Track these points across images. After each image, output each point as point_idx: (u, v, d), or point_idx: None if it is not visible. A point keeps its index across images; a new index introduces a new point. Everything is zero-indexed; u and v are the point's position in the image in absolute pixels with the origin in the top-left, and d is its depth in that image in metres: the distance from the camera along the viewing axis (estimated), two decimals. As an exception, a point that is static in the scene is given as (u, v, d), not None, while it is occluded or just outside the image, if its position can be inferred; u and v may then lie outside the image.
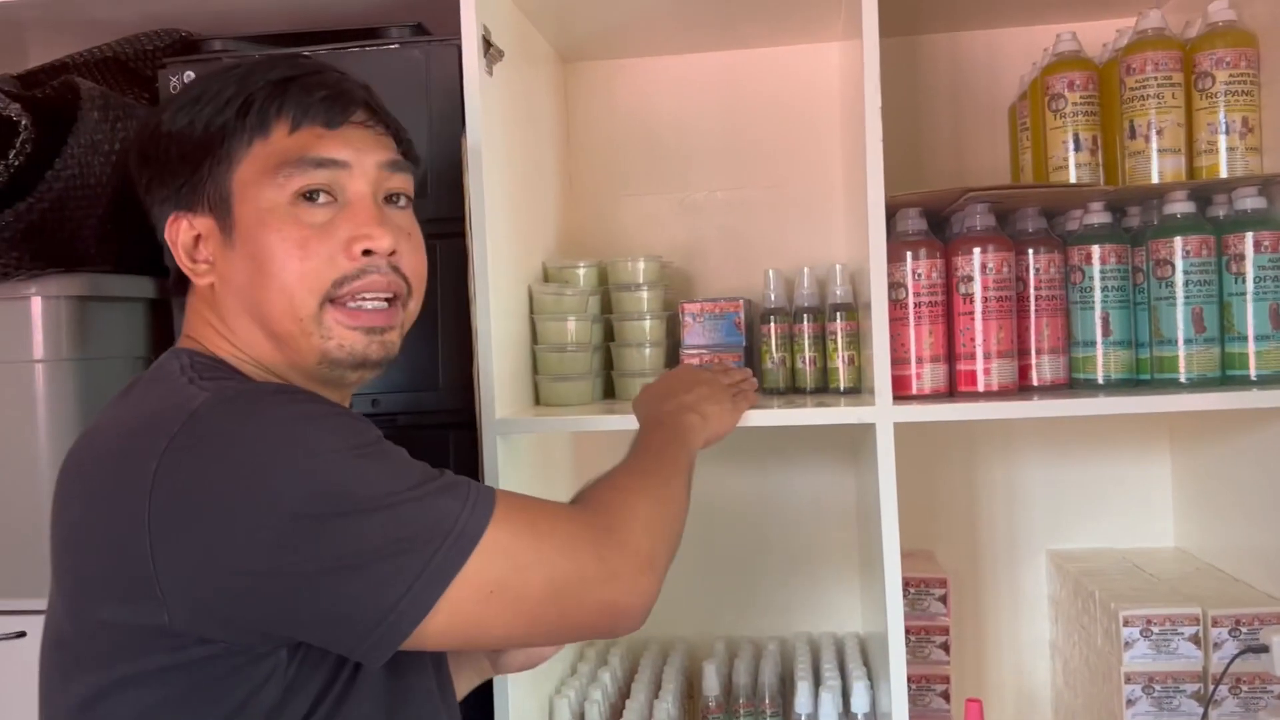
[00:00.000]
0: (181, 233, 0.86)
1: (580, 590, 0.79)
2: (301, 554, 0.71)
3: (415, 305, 0.91)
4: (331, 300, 0.83)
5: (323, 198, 0.84)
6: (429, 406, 1.22)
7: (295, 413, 0.76)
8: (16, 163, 1.10)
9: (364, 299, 0.85)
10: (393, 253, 0.85)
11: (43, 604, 1.24)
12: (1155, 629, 1.24)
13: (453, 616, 0.74)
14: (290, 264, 0.82)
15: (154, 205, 0.88)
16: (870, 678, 1.36)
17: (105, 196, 1.21)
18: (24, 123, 1.11)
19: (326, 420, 0.77)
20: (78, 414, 1.23)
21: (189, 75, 1.26)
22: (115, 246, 1.26)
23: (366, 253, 0.84)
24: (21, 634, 1.26)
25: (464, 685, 1.07)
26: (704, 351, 1.44)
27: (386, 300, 0.87)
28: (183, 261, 0.86)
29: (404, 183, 0.90)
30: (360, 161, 0.85)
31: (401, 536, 0.72)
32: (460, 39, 1.19)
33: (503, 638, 0.81)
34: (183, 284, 0.89)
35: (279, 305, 0.83)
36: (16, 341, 1.20)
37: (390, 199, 0.89)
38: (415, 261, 0.90)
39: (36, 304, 1.20)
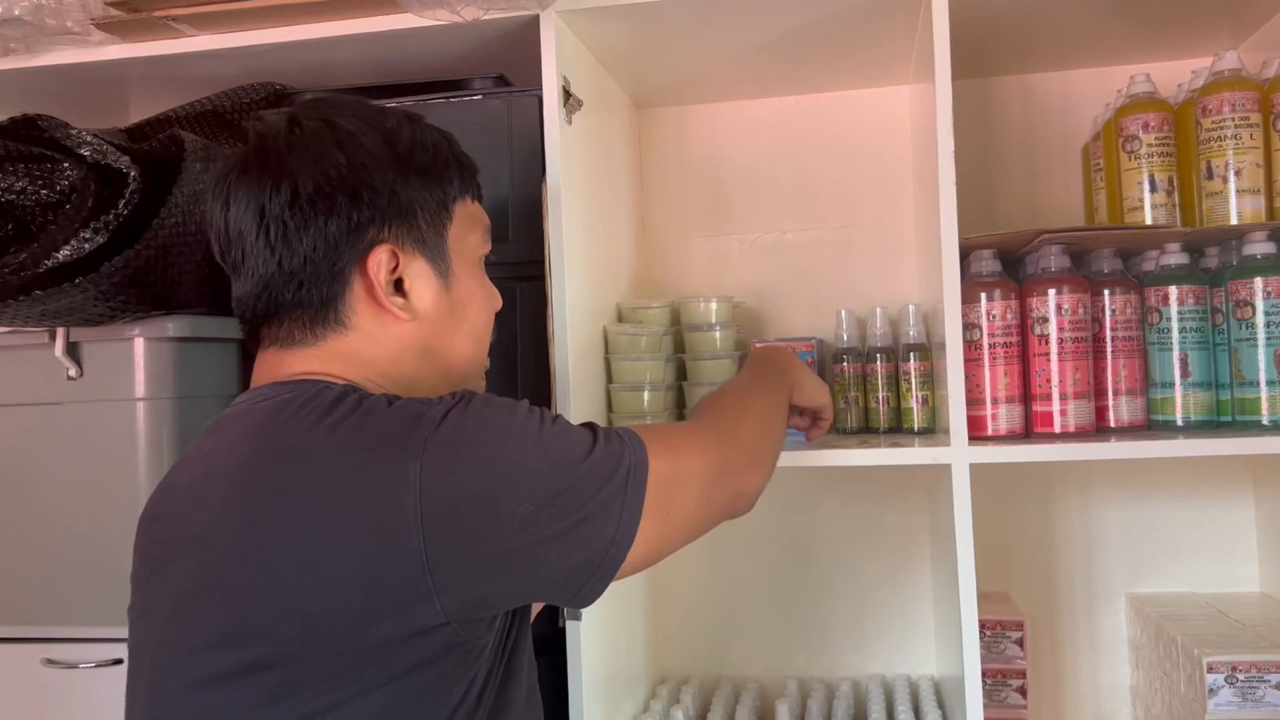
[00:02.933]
0: (385, 265, 0.87)
1: (714, 487, 0.93)
2: (550, 523, 0.80)
3: None
4: None
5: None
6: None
7: (504, 407, 0.85)
8: (126, 212, 1.16)
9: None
10: None
11: (139, 632, 1.29)
12: (1241, 676, 1.22)
13: (645, 540, 0.85)
14: (485, 317, 0.97)
15: (328, 225, 0.85)
16: (945, 720, 1.35)
17: (205, 243, 1.26)
18: (133, 174, 1.17)
19: (520, 408, 0.86)
20: (174, 450, 1.27)
21: (283, 127, 1.32)
22: (213, 289, 1.32)
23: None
24: (119, 661, 1.31)
25: None
26: (776, 391, 1.45)
27: None
28: (381, 294, 0.87)
29: None
30: None
31: (603, 482, 0.83)
32: (540, 89, 1.24)
33: (677, 547, 0.91)
34: (311, 318, 0.87)
35: (470, 351, 0.96)
36: (121, 380, 1.26)
37: None
38: None
39: (140, 344, 1.26)
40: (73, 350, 1.27)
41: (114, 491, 1.27)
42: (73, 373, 1.27)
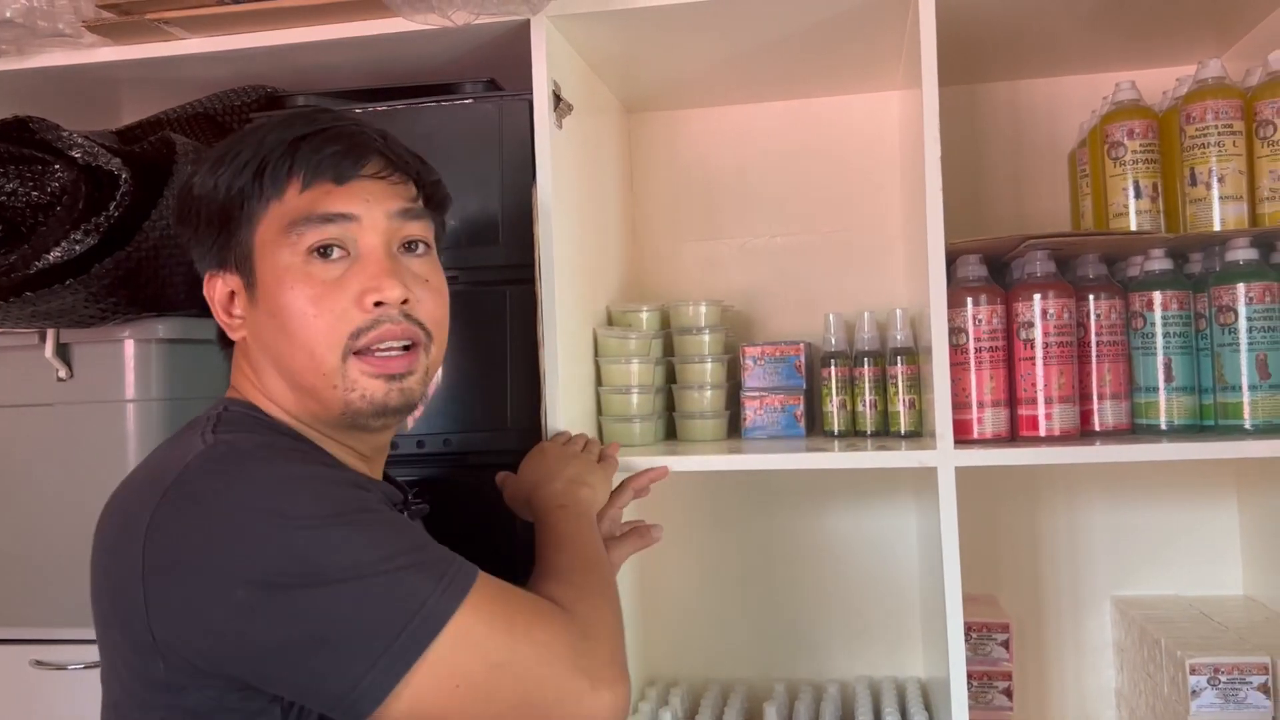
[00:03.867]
0: (217, 290, 0.91)
1: (554, 700, 0.77)
2: (269, 622, 0.72)
3: (438, 351, 0.93)
4: (355, 353, 0.86)
5: (335, 252, 0.86)
6: (498, 446, 1.25)
7: (277, 474, 0.78)
8: (116, 213, 1.17)
9: (381, 348, 0.87)
10: (405, 301, 0.87)
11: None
12: (1223, 678, 1.23)
13: (417, 703, 0.73)
14: (307, 321, 0.84)
15: (195, 262, 0.93)
16: (932, 722, 1.36)
17: (196, 245, 1.27)
18: (124, 176, 1.18)
19: (307, 484, 0.78)
20: (165, 451, 1.28)
21: (274, 129, 1.32)
22: (202, 292, 1.32)
23: (378, 304, 0.86)
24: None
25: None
26: (765, 394, 1.47)
27: (404, 348, 0.88)
28: (219, 317, 0.92)
29: (421, 229, 0.92)
30: (370, 213, 0.87)
31: (367, 611, 0.73)
32: (531, 94, 1.24)
33: None
34: (227, 339, 0.95)
35: (301, 360, 0.85)
36: (110, 382, 1.26)
37: (408, 246, 0.91)
38: (433, 307, 0.91)
39: (129, 346, 1.27)
40: (63, 351, 1.28)
41: (104, 493, 1.25)
42: (62, 374, 1.27)
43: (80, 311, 1.21)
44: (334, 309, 0.85)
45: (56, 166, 1.19)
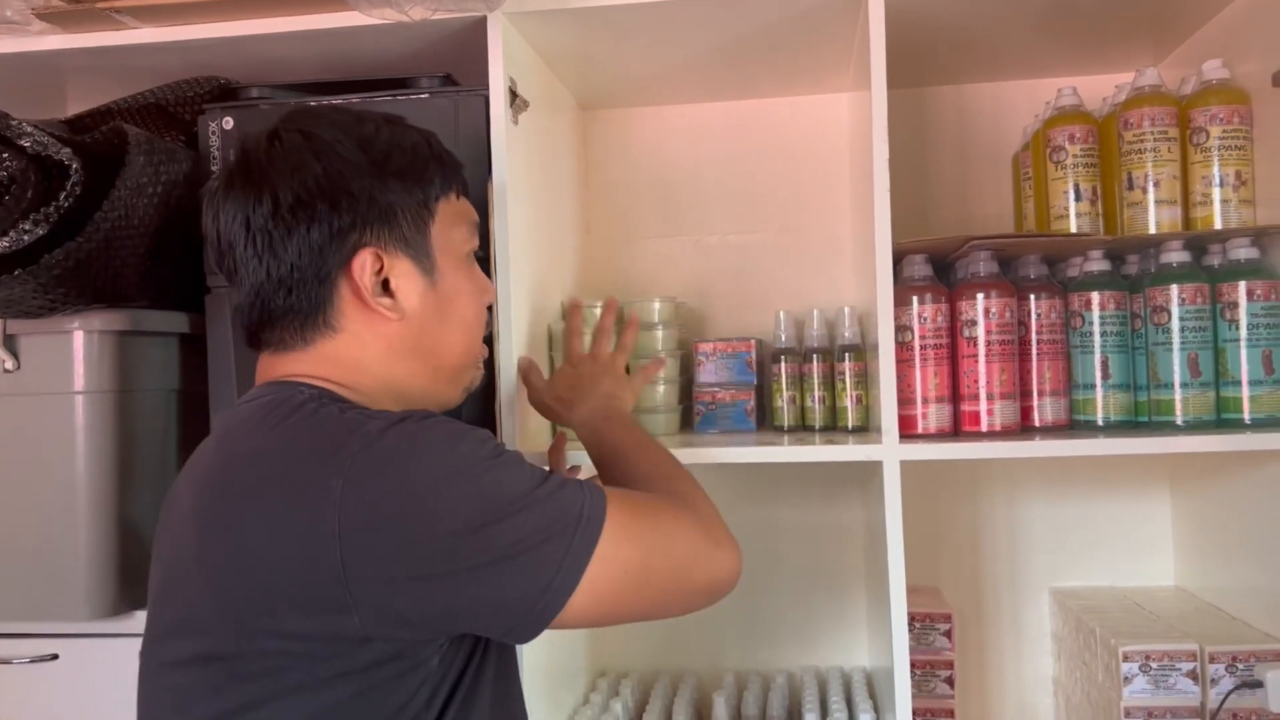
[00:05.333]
0: (369, 268, 0.90)
1: (695, 566, 0.90)
2: (472, 555, 0.80)
3: None
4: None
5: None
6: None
7: (447, 432, 0.85)
8: (67, 204, 1.16)
9: (485, 338, 1.03)
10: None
11: (75, 628, 1.29)
12: (1154, 665, 1.27)
13: (593, 595, 0.83)
14: (476, 310, 1.00)
15: (312, 232, 0.88)
16: (876, 711, 1.39)
17: (147, 236, 1.26)
18: (74, 166, 1.17)
19: (469, 436, 0.85)
20: (115, 444, 1.27)
21: (228, 121, 1.32)
22: (155, 284, 1.31)
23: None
24: (54, 656, 1.30)
25: None
26: (716, 389, 1.49)
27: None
28: (368, 296, 0.90)
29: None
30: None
31: (545, 525, 0.82)
32: (487, 90, 1.25)
33: (633, 613, 0.88)
34: (303, 323, 0.91)
35: (462, 344, 0.98)
36: (60, 373, 1.25)
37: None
38: None
39: (79, 338, 1.25)
40: (10, 343, 1.26)
41: (52, 485, 1.26)
42: (10, 365, 1.26)
43: (29, 302, 1.19)
44: (484, 302, 1.02)
45: (5, 155, 1.18)
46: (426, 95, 1.31)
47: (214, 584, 0.82)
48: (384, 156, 0.92)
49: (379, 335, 0.92)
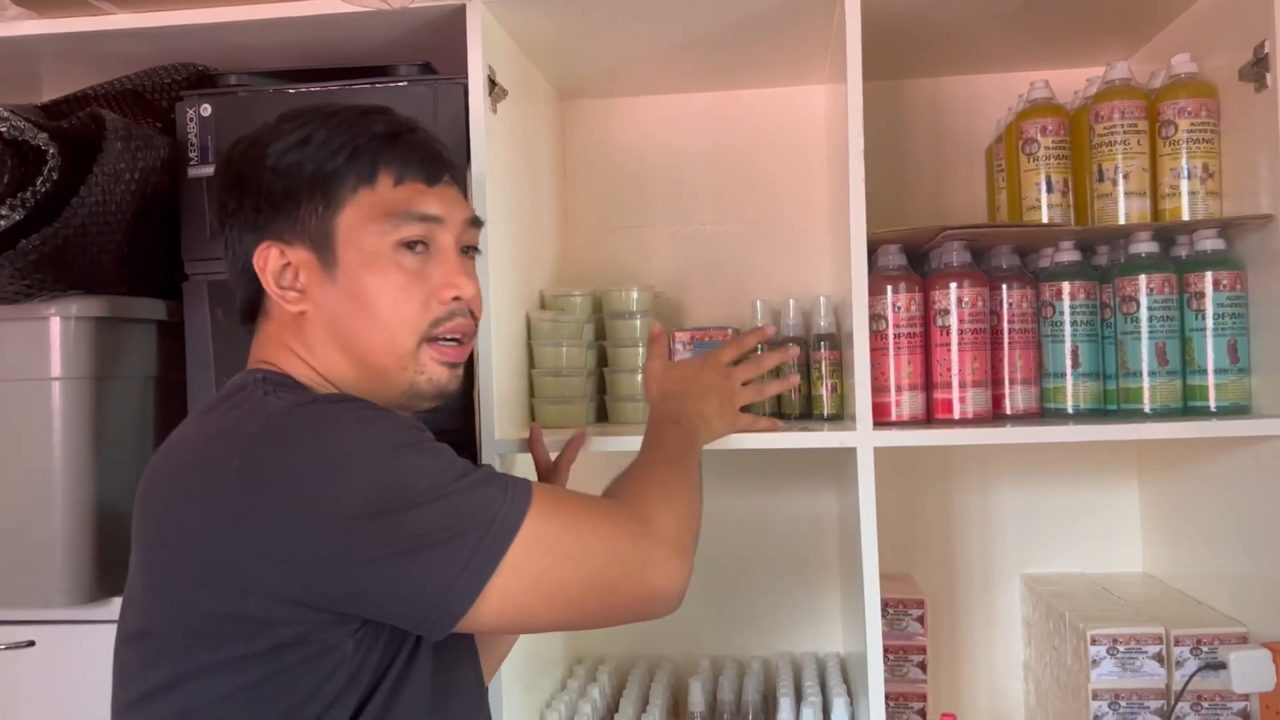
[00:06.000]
0: (271, 260, 0.92)
1: (620, 578, 0.86)
2: (368, 543, 0.78)
3: (474, 342, 1.02)
4: (429, 340, 0.94)
5: (419, 247, 0.94)
6: (430, 426, 1.26)
7: (356, 416, 0.84)
8: (44, 189, 1.15)
9: (447, 338, 0.95)
10: (474, 298, 0.97)
11: (52, 614, 1.29)
12: (1121, 648, 1.30)
13: (503, 602, 0.81)
14: (395, 306, 0.92)
15: (235, 229, 0.95)
16: (850, 695, 1.41)
17: (125, 223, 1.26)
18: (51, 151, 1.16)
19: (383, 421, 0.85)
20: (91, 430, 1.27)
21: (206, 108, 1.32)
22: (131, 270, 1.31)
23: (455, 299, 0.94)
24: (30, 643, 1.30)
25: (491, 668, 1.15)
26: (693, 378, 1.50)
27: (459, 340, 0.97)
28: (270, 286, 0.93)
29: (477, 237, 1.01)
30: (451, 217, 0.96)
31: (452, 523, 0.80)
32: (466, 78, 1.26)
33: (550, 623, 0.87)
34: (253, 311, 0.97)
35: (380, 341, 0.92)
36: (36, 360, 1.25)
37: (465, 250, 0.99)
38: (480, 305, 1.00)
39: (55, 324, 1.25)
40: (-15, 329, 1.26)
41: (29, 472, 1.26)
42: (-15, 351, 1.26)
43: (4, 288, 1.19)
44: (418, 297, 0.93)
45: (-20, 141, 1.18)
46: (405, 83, 1.31)
47: (143, 563, 0.87)
48: (297, 154, 0.92)
49: (296, 323, 0.94)
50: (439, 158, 0.97)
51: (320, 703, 0.82)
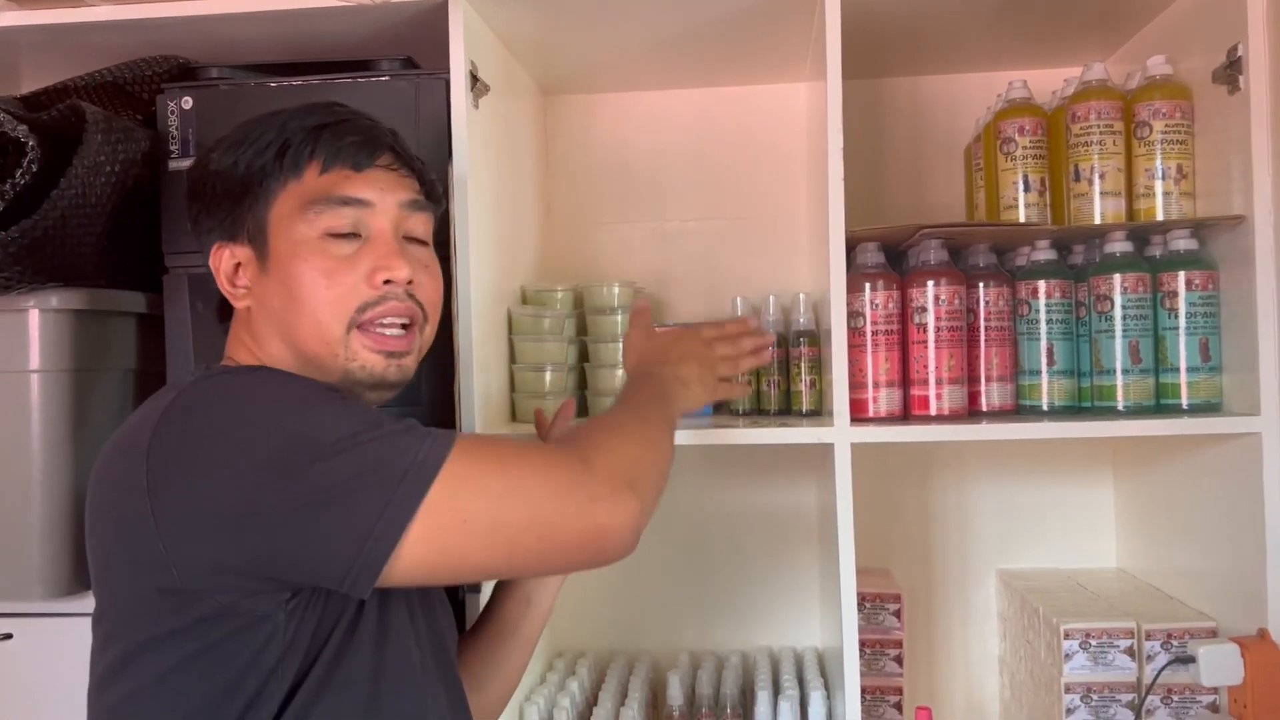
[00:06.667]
0: (223, 260, 0.96)
1: (559, 516, 0.83)
2: (277, 497, 0.78)
3: (431, 331, 1.00)
4: (358, 326, 0.93)
5: (351, 237, 0.93)
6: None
7: (267, 378, 0.87)
8: (23, 181, 1.15)
9: (384, 324, 0.94)
10: (410, 282, 0.94)
11: (29, 607, 1.29)
12: (1093, 642, 1.32)
13: (428, 545, 0.79)
14: (318, 292, 0.91)
15: (200, 234, 0.98)
16: (827, 689, 1.42)
17: (105, 215, 1.26)
18: (31, 143, 1.16)
19: (294, 383, 0.86)
20: (71, 423, 1.27)
21: (187, 101, 1.32)
22: (112, 263, 1.31)
23: (387, 282, 0.93)
24: (8, 636, 1.30)
25: (551, 594, 1.17)
26: (673, 374, 1.51)
27: (403, 326, 0.95)
28: (223, 286, 0.96)
29: (423, 221, 0.99)
30: (383, 201, 0.95)
31: (364, 472, 0.79)
32: (448, 73, 1.26)
33: (484, 567, 0.85)
34: (226, 311, 1.00)
35: (308, 328, 0.92)
36: (14, 352, 1.24)
37: (411, 237, 0.98)
38: (431, 290, 0.98)
39: (34, 316, 1.25)
40: (-36, 321, 1.25)
41: (7, 465, 1.25)
42: (-36, 343, 1.25)
43: (-17, 280, 1.19)
44: (345, 283, 0.92)
45: (-41, 132, 1.17)
46: (387, 78, 1.31)
47: (89, 547, 0.89)
48: (232, 156, 0.95)
49: (247, 319, 0.96)
50: (372, 142, 0.95)
51: (257, 676, 0.82)
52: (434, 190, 1.02)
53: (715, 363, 1.20)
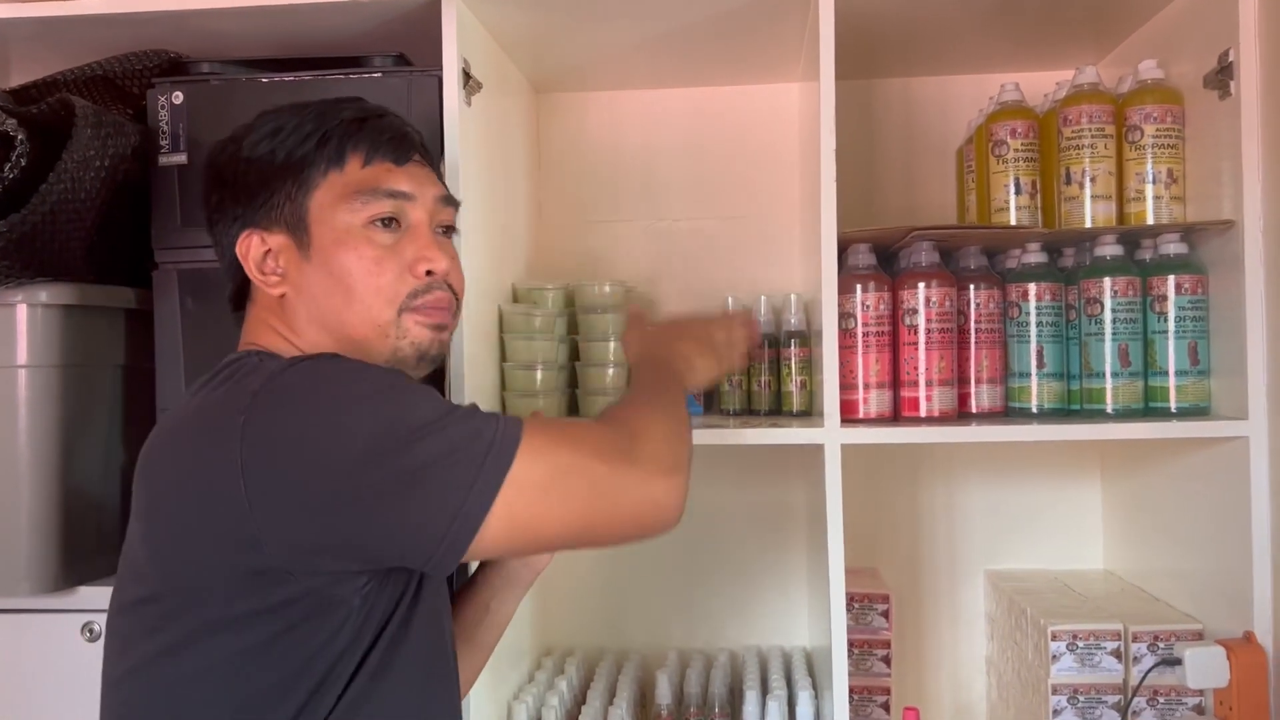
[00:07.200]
0: (253, 248, 0.96)
1: (620, 489, 0.88)
2: (375, 480, 0.81)
3: (459, 318, 1.04)
4: (409, 309, 0.96)
5: (392, 224, 0.97)
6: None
7: (347, 367, 0.88)
8: (11, 176, 1.14)
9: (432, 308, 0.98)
10: (448, 272, 0.99)
11: (16, 603, 1.28)
12: (1081, 644, 1.32)
13: (512, 518, 0.83)
14: (369, 280, 0.95)
15: (220, 223, 0.99)
16: (815, 688, 1.43)
17: (94, 210, 1.25)
18: (20, 137, 1.15)
19: (372, 369, 0.89)
20: (58, 419, 1.26)
21: (178, 95, 1.31)
22: (101, 258, 1.30)
23: (429, 273, 0.97)
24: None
25: (511, 602, 1.20)
26: (664, 373, 1.51)
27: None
28: (253, 273, 0.97)
29: (452, 216, 1.04)
30: (422, 194, 0.99)
31: (451, 452, 0.82)
32: (440, 70, 1.26)
33: (558, 536, 0.88)
34: (241, 299, 1.01)
35: (359, 313, 0.95)
36: (2, 347, 1.23)
37: (444, 231, 1.03)
38: (460, 280, 1.03)
39: (22, 311, 1.24)
40: (-49, 315, 1.24)
41: (-6, 459, 1.25)
42: (-49, 338, 1.24)
43: (-30, 274, 1.18)
44: (392, 270, 0.96)
45: (-53, 125, 1.17)
46: (380, 75, 1.31)
47: (145, 531, 0.89)
48: (269, 144, 0.96)
49: (279, 306, 0.97)
50: (407, 139, 1.00)
51: (326, 659, 0.85)
52: (446, 185, 1.06)
53: (714, 343, 1.22)
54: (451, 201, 1.03)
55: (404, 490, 0.81)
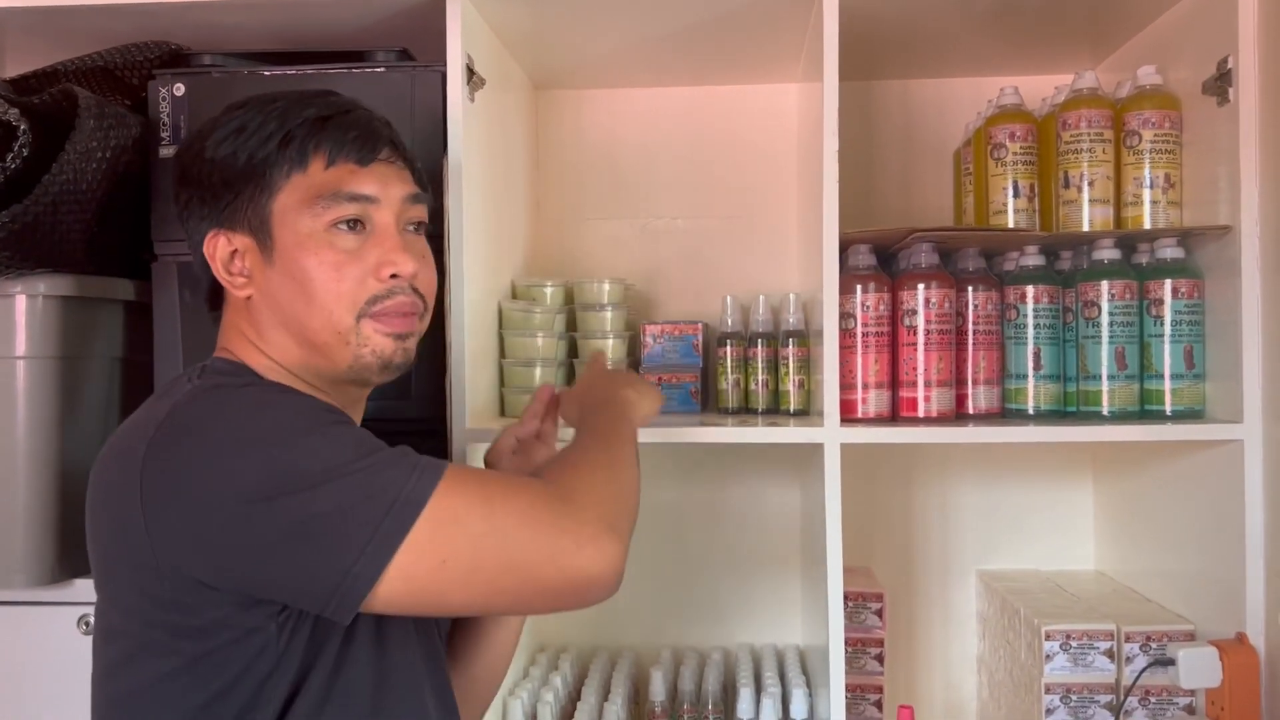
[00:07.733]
0: (219, 248, 0.94)
1: (542, 561, 0.82)
2: (264, 527, 0.79)
3: (427, 320, 1.00)
4: (369, 315, 0.94)
5: (356, 226, 0.94)
6: (401, 414, 1.27)
7: (258, 399, 0.87)
8: (13, 166, 1.14)
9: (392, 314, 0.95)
10: (414, 275, 0.95)
11: (12, 595, 1.28)
12: (1074, 643, 1.33)
13: (408, 582, 0.79)
14: (329, 285, 0.92)
15: (190, 220, 0.97)
16: (808, 686, 1.43)
17: (95, 202, 1.24)
18: (22, 127, 1.15)
19: (284, 405, 0.86)
20: (57, 411, 1.26)
21: (179, 87, 1.31)
22: (101, 250, 1.30)
23: (393, 276, 0.94)
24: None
25: (507, 637, 1.18)
26: (663, 371, 1.52)
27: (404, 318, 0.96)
28: (219, 273, 0.95)
29: (422, 213, 1.00)
30: (387, 195, 0.95)
31: (351, 505, 0.79)
32: (443, 66, 1.26)
33: (464, 605, 0.86)
34: (217, 299, 0.99)
35: (319, 319, 0.93)
36: (1, 338, 1.23)
37: (415, 228, 0.99)
38: (429, 281, 0.99)
39: (21, 302, 1.23)
40: (-50, 306, 1.24)
41: (-9, 450, 1.24)
42: (-52, 328, 1.24)
43: (-30, 265, 1.18)
44: (353, 275, 0.93)
45: (-52, 115, 1.16)
46: (383, 70, 1.31)
47: (89, 544, 0.90)
48: (232, 145, 0.93)
49: (246, 309, 0.96)
50: (373, 136, 0.96)
51: (251, 683, 0.83)
52: (423, 179, 1.03)
53: (633, 377, 1.23)
54: (421, 199, 0.99)
55: (293, 540, 0.78)
